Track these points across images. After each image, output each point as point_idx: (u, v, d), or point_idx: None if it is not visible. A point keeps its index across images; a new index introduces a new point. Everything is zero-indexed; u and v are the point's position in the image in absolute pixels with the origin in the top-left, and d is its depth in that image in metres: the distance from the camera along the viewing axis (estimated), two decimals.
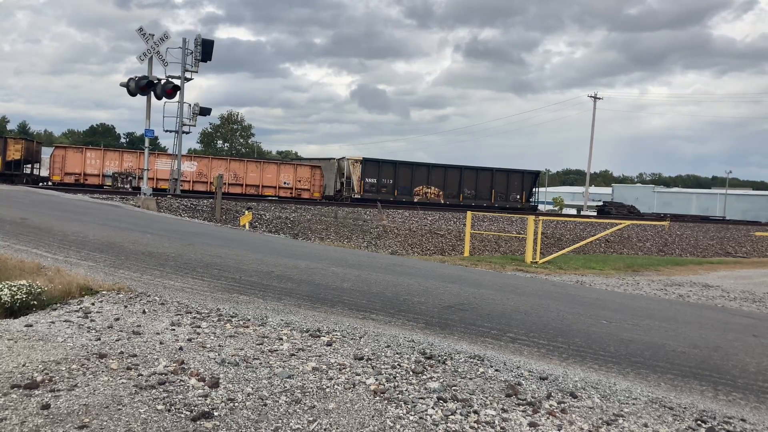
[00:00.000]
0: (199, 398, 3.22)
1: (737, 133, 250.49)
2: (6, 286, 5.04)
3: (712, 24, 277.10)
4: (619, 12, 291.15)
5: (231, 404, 3.19)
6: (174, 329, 4.53)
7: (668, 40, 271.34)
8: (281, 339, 4.48)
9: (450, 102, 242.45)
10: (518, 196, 38.15)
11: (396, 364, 4.06)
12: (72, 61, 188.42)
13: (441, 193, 36.48)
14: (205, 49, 28.45)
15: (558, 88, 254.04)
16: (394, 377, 3.79)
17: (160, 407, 3.07)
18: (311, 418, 3.09)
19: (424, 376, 3.86)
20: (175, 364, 3.69)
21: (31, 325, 4.37)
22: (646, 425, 3.36)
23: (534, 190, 39.22)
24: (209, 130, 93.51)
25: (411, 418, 3.19)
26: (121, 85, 25.25)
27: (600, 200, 61.42)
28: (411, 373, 3.90)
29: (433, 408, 3.33)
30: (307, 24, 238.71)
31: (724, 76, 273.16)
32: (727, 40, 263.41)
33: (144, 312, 4.99)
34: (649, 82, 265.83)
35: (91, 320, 4.62)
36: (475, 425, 3.17)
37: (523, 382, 3.92)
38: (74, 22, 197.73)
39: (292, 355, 4.10)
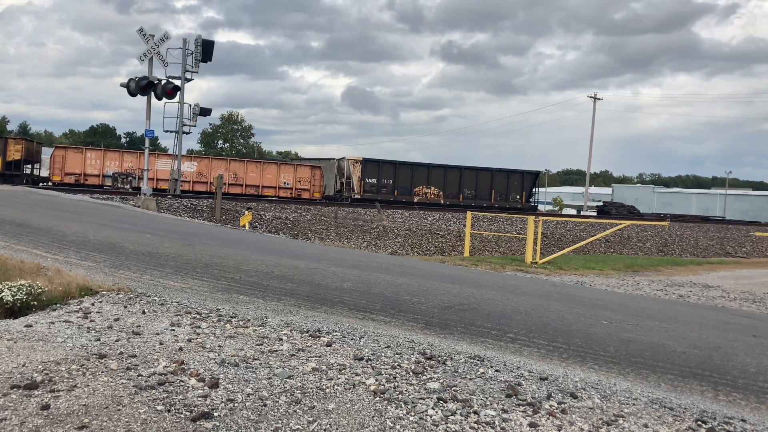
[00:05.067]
0: (199, 398, 3.22)
1: (732, 134, 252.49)
2: (6, 286, 5.04)
3: (696, 28, 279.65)
4: (603, 17, 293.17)
5: (231, 405, 3.18)
6: (174, 329, 4.53)
7: (656, 43, 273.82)
8: (281, 339, 4.48)
9: (446, 103, 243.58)
10: (518, 197, 38.15)
11: (396, 364, 4.06)
12: (74, 63, 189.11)
13: (441, 193, 36.47)
14: (206, 49, 28.43)
15: (552, 89, 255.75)
16: (394, 378, 3.79)
17: (159, 408, 3.07)
18: (311, 419, 3.09)
19: (424, 377, 3.85)
20: (174, 365, 3.69)
21: (30, 326, 4.37)
22: (646, 426, 3.35)
23: (534, 190, 39.21)
24: (209, 130, 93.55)
25: (411, 418, 3.19)
26: (122, 85, 25.24)
27: (600, 200, 61.38)
28: (411, 373, 3.90)
29: (433, 408, 3.33)
30: (303, 28, 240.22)
31: (714, 77, 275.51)
32: (714, 43, 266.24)
33: (144, 312, 4.99)
34: (640, 84, 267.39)
35: (91, 320, 4.62)
36: (475, 426, 3.17)
37: (523, 382, 3.91)
38: (77, 26, 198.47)
39: (292, 355, 4.10)
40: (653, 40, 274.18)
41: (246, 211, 23.64)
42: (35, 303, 5.00)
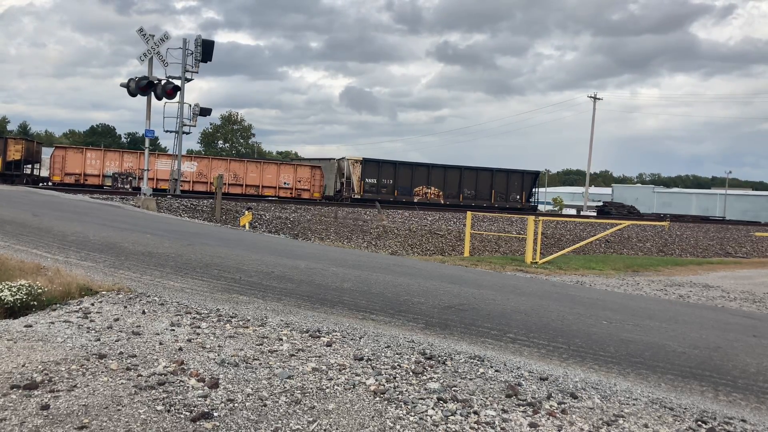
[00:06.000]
0: (199, 399, 3.22)
1: (731, 134, 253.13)
2: (6, 286, 5.03)
3: (693, 29, 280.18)
4: (601, 17, 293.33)
5: (231, 405, 3.18)
6: (174, 330, 4.52)
7: (653, 44, 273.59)
8: (281, 339, 4.48)
9: (445, 104, 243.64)
10: (518, 197, 38.14)
11: (396, 364, 4.06)
12: (74, 64, 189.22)
13: (441, 193, 36.47)
14: (206, 49, 28.42)
15: (551, 90, 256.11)
16: (394, 378, 3.79)
17: (159, 408, 3.06)
18: (311, 419, 3.09)
19: (424, 377, 3.85)
20: (174, 365, 3.68)
21: (30, 326, 4.37)
22: (646, 426, 3.35)
23: (534, 190, 39.21)
24: (209, 130, 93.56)
25: (411, 418, 3.19)
26: (122, 85, 25.23)
27: (600, 200, 61.38)
28: (411, 373, 3.90)
29: (433, 408, 3.33)
30: (302, 29, 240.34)
31: (712, 78, 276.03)
32: (711, 44, 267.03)
33: (144, 312, 4.99)
34: (638, 84, 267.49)
35: (91, 321, 4.62)
36: (476, 426, 3.17)
37: (523, 382, 3.91)
38: (78, 27, 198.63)
39: (292, 355, 4.10)
40: (650, 40, 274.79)
41: (246, 211, 23.64)
42: (35, 303, 5.00)
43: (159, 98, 25.73)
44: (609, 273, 16.45)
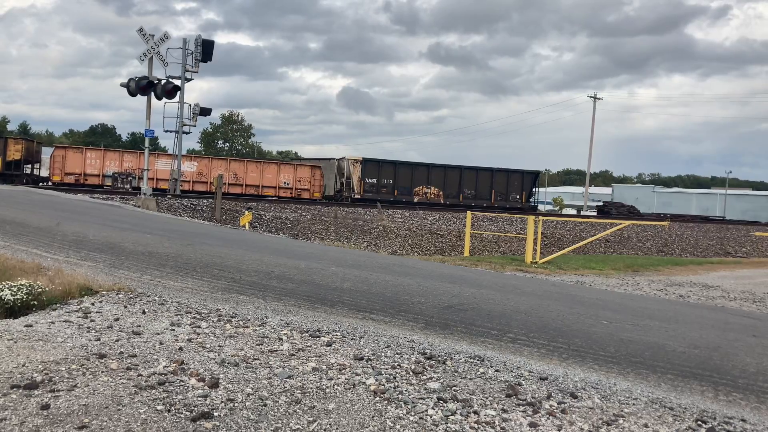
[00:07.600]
0: (199, 398, 3.22)
1: (729, 134, 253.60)
2: (6, 286, 5.03)
3: (689, 30, 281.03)
4: (596, 19, 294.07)
5: (231, 404, 3.18)
6: (174, 329, 4.52)
7: (649, 45, 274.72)
8: (281, 339, 4.48)
9: (444, 104, 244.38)
10: (518, 196, 38.13)
11: (396, 364, 4.06)
12: (75, 64, 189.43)
13: (441, 193, 36.47)
14: (206, 49, 28.39)
15: (549, 90, 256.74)
16: (394, 377, 3.79)
17: (159, 407, 3.06)
18: (311, 419, 3.09)
19: (424, 377, 3.85)
20: (174, 365, 3.68)
21: (31, 325, 4.37)
22: (646, 425, 3.35)
23: (534, 190, 39.20)
24: (209, 130, 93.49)
25: (411, 418, 3.19)
26: (122, 85, 25.22)
27: (600, 200, 61.32)
28: (411, 373, 3.90)
29: (433, 408, 3.33)
30: (301, 30, 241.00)
31: (709, 78, 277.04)
32: (707, 44, 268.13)
33: (144, 312, 4.99)
34: (636, 85, 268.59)
35: (91, 320, 4.62)
36: (475, 425, 3.17)
37: (523, 382, 3.91)
38: (78, 28, 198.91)
39: (292, 355, 4.10)
40: (647, 41, 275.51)
41: (246, 211, 23.63)
42: (35, 303, 5.00)
43: (159, 98, 25.73)
44: (609, 273, 16.45)
